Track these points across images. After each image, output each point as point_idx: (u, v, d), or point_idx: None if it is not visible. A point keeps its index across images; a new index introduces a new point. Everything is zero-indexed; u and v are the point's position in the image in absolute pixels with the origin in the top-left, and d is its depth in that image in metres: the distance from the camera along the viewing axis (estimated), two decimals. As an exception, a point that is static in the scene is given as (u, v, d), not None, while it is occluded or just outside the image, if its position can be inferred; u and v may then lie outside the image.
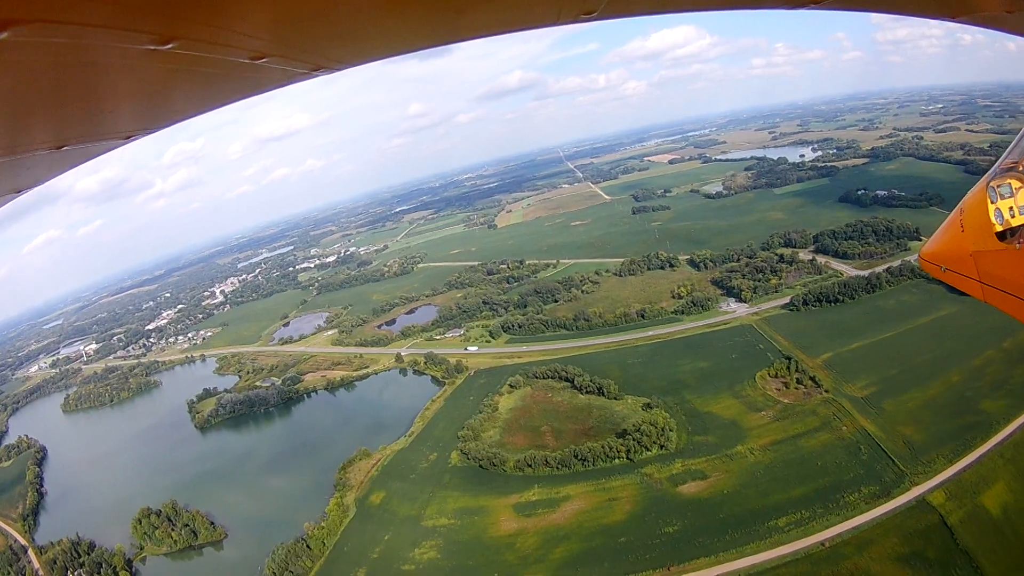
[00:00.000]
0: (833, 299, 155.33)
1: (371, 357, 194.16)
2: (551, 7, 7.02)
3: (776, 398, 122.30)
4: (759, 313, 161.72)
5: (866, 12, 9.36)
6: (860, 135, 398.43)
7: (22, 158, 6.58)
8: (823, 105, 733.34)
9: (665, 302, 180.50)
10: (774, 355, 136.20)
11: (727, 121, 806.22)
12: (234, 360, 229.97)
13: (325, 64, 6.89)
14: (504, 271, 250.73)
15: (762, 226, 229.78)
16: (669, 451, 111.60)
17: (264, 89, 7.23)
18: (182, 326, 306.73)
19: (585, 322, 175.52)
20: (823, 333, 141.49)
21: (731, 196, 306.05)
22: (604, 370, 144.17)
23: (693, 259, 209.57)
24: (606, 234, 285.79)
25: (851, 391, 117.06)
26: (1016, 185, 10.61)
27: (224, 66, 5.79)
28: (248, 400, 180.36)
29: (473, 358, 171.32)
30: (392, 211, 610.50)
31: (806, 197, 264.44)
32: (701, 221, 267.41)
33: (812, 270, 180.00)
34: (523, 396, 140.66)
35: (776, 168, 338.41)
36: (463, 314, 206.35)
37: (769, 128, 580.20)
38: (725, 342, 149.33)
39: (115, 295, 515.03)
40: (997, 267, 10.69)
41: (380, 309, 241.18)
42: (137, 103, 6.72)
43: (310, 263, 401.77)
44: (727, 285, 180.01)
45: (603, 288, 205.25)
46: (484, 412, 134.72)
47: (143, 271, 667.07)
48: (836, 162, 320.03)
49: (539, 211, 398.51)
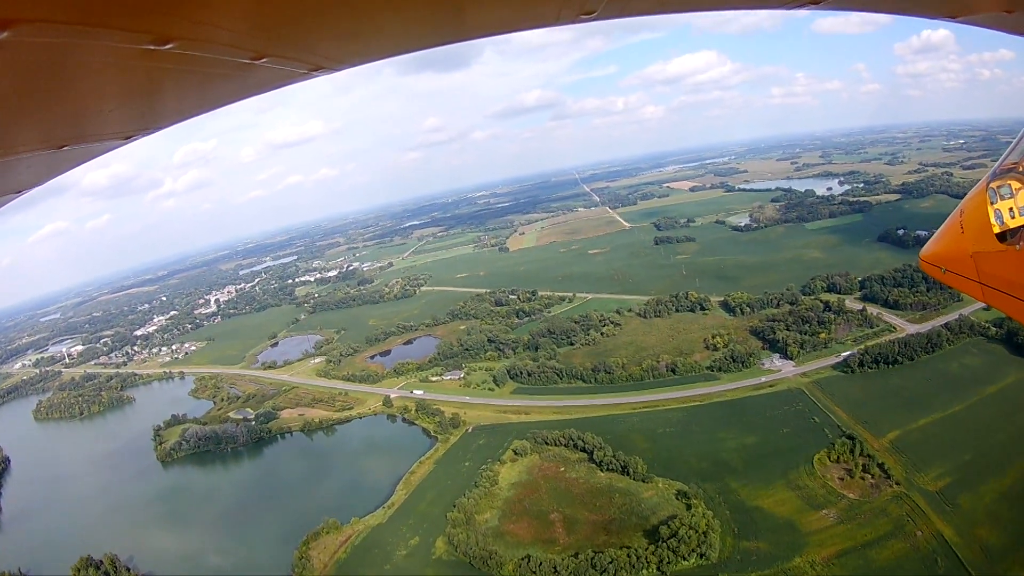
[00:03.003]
0: (892, 360, 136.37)
1: (357, 396, 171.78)
2: (551, 7, 6.92)
3: (839, 491, 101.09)
4: (808, 374, 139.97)
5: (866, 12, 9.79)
6: (886, 169, 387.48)
7: (22, 158, 6.68)
8: (842, 137, 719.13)
9: (698, 354, 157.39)
10: (832, 431, 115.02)
11: (745, 149, 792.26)
12: (211, 382, 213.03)
13: (324, 64, 6.80)
14: (514, 303, 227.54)
15: (799, 265, 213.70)
16: (711, 560, 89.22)
17: (263, 89, 7.26)
18: (168, 336, 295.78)
19: (606, 374, 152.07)
20: (886, 404, 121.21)
21: (760, 229, 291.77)
22: (628, 440, 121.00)
23: (727, 302, 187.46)
24: (627, 266, 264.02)
25: (924, 482, 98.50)
26: (1016, 186, 10.73)
27: (223, 66, 5.77)
28: (215, 436, 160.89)
29: (473, 409, 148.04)
30: (402, 225, 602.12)
31: (841, 234, 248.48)
32: (731, 256, 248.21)
33: (863, 322, 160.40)
34: (530, 467, 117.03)
35: (805, 201, 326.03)
36: (465, 352, 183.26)
37: (791, 158, 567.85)
38: (773, 410, 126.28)
39: (115, 293, 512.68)
40: (997, 268, 10.70)
41: (375, 337, 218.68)
42: (137, 103, 6.75)
43: (311, 276, 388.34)
44: (769, 337, 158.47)
45: (625, 331, 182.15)
46: (481, 485, 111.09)
47: (147, 270, 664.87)
48: (867, 197, 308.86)
49: (554, 235, 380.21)
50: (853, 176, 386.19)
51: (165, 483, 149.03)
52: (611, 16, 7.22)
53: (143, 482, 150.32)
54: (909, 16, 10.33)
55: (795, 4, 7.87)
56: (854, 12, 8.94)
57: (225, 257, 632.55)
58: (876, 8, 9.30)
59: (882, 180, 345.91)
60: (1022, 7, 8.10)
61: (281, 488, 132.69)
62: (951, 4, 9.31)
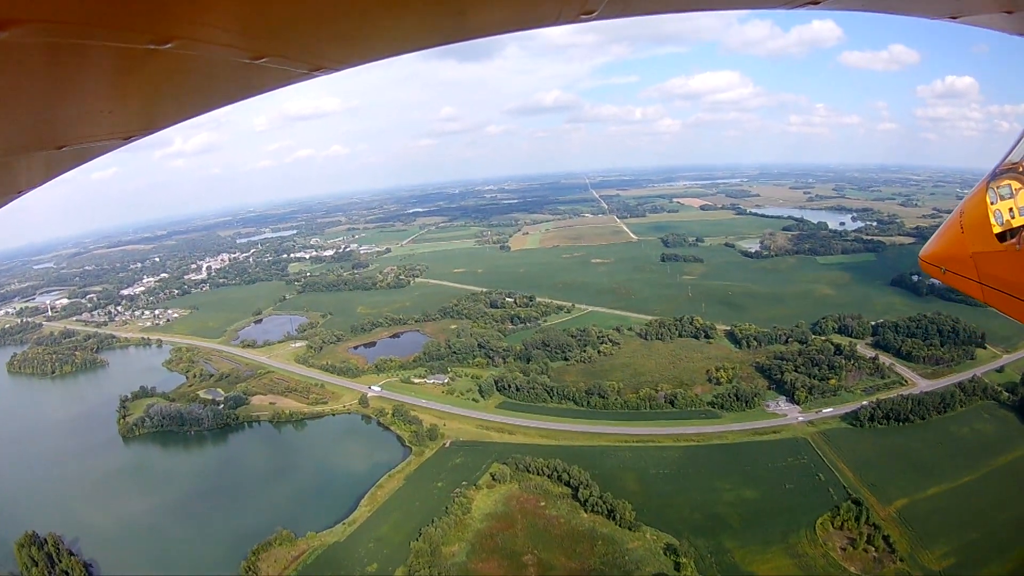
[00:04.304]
0: (904, 418, 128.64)
1: (333, 389, 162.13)
2: (551, 7, 6.87)
3: (840, 563, 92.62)
4: (815, 423, 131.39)
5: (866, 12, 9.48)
6: (900, 210, 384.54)
7: (22, 158, 6.75)
8: (856, 172, 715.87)
9: (700, 386, 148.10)
10: (838, 492, 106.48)
11: (758, 173, 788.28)
12: (187, 355, 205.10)
13: (324, 64, 6.72)
14: (510, 307, 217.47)
15: (808, 301, 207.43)
16: (696, 633, 79.50)
17: (263, 90, 7.20)
18: (154, 300, 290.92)
19: (600, 398, 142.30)
20: (895, 467, 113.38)
21: (770, 258, 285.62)
22: (618, 478, 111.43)
23: (733, 332, 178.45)
24: (630, 280, 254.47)
25: (928, 561, 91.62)
26: (1016, 186, 10.80)
27: (223, 66, 5.76)
28: (179, 416, 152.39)
29: (453, 420, 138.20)
30: (406, 211, 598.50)
31: (853, 272, 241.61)
32: (739, 283, 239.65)
33: (874, 371, 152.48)
34: (507, 497, 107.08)
35: (817, 233, 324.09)
36: (452, 355, 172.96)
37: (803, 188, 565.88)
38: (776, 461, 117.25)
39: (111, 247, 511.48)
40: (997, 268, 10.71)
41: (360, 327, 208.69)
42: (136, 103, 6.72)
43: (306, 253, 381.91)
44: (776, 377, 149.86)
45: (624, 351, 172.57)
46: (452, 513, 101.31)
47: (147, 228, 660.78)
48: (880, 236, 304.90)
49: (557, 239, 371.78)
50: (867, 214, 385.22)
51: (122, 461, 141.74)
52: (611, 16, 7.12)
53: (100, 456, 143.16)
54: (909, 16, 10.11)
55: (795, 4, 7.84)
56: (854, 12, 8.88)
57: (226, 224, 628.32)
58: (876, 8, 9.22)
59: (896, 221, 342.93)
60: (1022, 7, 8.02)
61: (239, 483, 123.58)
62: (951, 4, 9.17)
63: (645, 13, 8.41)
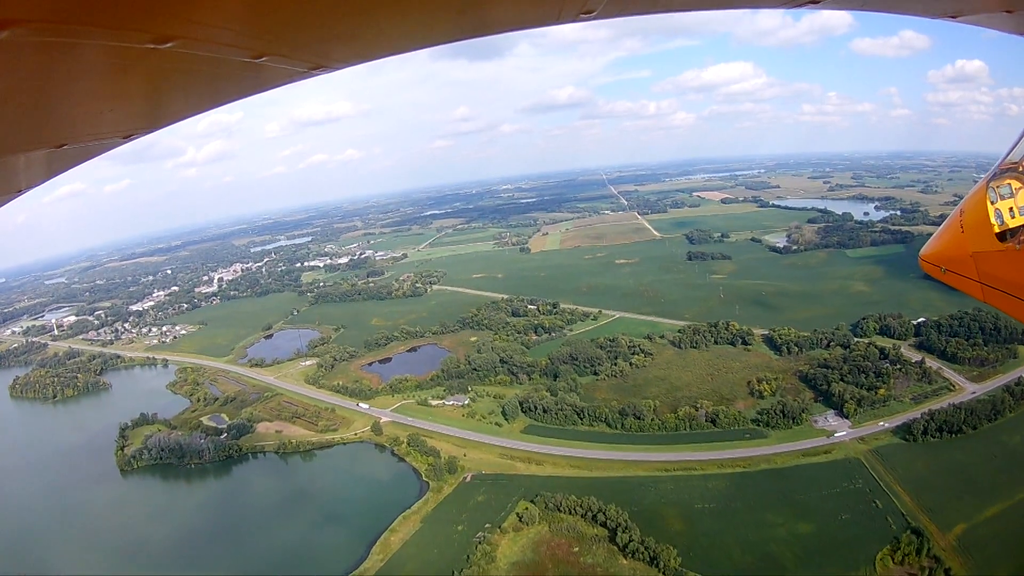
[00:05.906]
0: (956, 429, 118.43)
1: (344, 414, 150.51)
2: (551, 7, 6.89)
3: None
4: (867, 439, 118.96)
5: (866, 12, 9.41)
6: (921, 197, 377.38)
7: (22, 158, 6.70)
8: (871, 159, 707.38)
9: (742, 401, 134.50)
10: (896, 521, 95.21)
11: (775, 164, 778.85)
12: (192, 376, 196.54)
13: (324, 63, 6.73)
14: (532, 315, 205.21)
15: (844, 298, 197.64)
16: None
17: (263, 88, 7.21)
18: (162, 315, 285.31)
19: (635, 419, 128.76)
20: (951, 485, 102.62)
21: (799, 252, 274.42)
22: (659, 515, 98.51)
23: (772, 337, 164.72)
24: (658, 281, 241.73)
25: None
26: (1016, 186, 10.58)
27: (223, 65, 5.77)
28: (179, 448, 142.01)
29: (474, 449, 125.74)
30: (422, 213, 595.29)
31: (885, 266, 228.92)
32: (772, 281, 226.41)
33: (921, 376, 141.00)
34: (536, 541, 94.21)
35: (844, 225, 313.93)
36: (473, 372, 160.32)
37: (822, 177, 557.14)
38: (830, 487, 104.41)
39: (123, 261, 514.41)
40: (997, 268, 10.55)
41: (375, 341, 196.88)
42: (137, 102, 6.72)
43: (320, 261, 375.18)
44: (822, 388, 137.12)
45: (657, 362, 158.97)
46: (475, 563, 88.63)
47: (161, 239, 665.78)
48: (906, 226, 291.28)
49: (578, 239, 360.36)
50: (889, 202, 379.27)
51: (118, 495, 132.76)
52: (610, 15, 7.16)
53: (95, 490, 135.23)
54: (909, 15, 10.11)
55: (795, 4, 7.77)
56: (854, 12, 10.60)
57: (240, 232, 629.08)
58: (877, 8, 9.02)
59: (919, 209, 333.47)
60: (1022, 7, 7.99)
61: (238, 525, 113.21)
62: (951, 3, 9.09)
63: (644, 12, 8.33)
